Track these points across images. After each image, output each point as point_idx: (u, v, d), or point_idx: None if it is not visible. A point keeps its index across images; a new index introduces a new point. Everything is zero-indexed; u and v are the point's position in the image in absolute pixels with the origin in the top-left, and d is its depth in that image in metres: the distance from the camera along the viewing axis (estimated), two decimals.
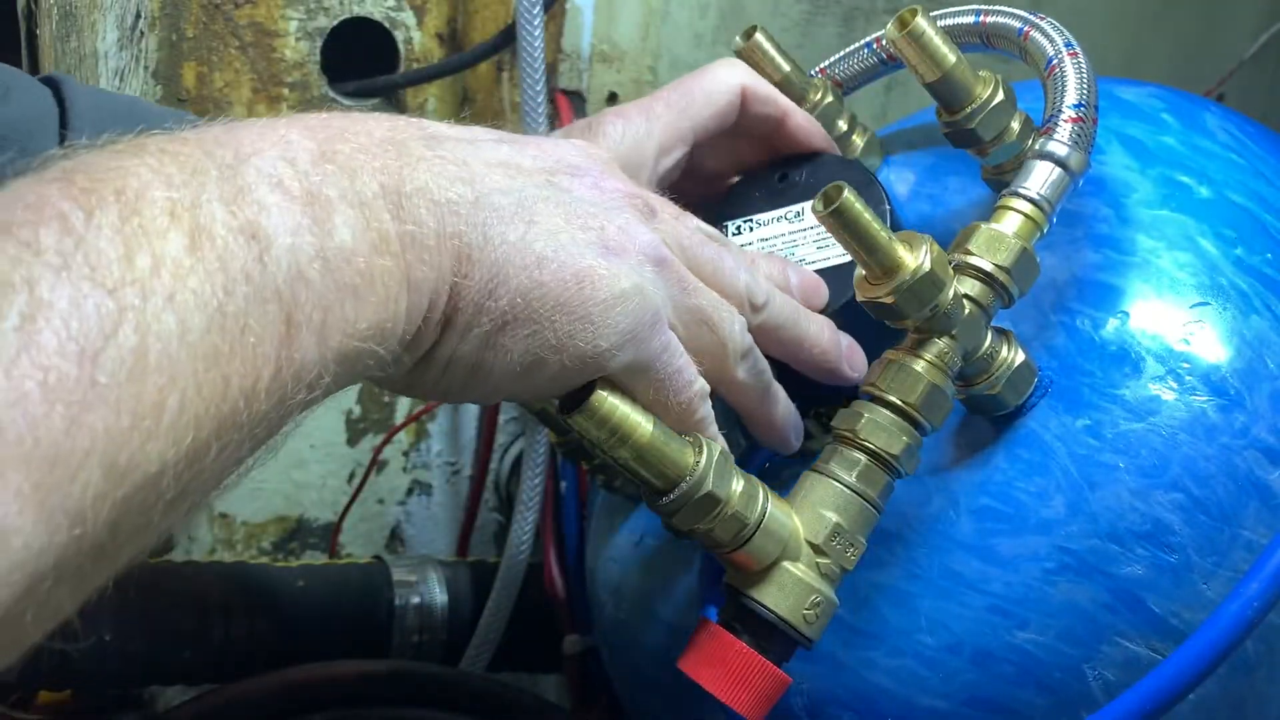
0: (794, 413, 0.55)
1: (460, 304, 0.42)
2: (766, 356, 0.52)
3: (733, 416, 0.58)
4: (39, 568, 0.30)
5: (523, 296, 0.43)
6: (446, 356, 0.44)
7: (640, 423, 0.45)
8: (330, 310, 0.37)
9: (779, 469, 0.56)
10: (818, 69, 0.67)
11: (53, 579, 0.31)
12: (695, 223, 0.52)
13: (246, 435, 0.36)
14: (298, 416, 0.38)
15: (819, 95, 0.64)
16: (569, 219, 0.45)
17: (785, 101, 0.62)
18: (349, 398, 0.91)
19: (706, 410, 0.49)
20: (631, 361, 0.46)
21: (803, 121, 0.62)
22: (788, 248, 0.59)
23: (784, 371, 0.54)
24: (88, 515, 0.31)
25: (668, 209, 0.50)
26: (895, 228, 0.50)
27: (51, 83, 0.56)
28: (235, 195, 0.36)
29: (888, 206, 0.58)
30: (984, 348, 0.49)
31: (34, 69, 0.73)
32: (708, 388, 0.49)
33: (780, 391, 0.53)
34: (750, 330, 0.51)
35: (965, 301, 0.48)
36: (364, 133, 0.42)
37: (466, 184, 0.43)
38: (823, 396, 0.56)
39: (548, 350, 0.44)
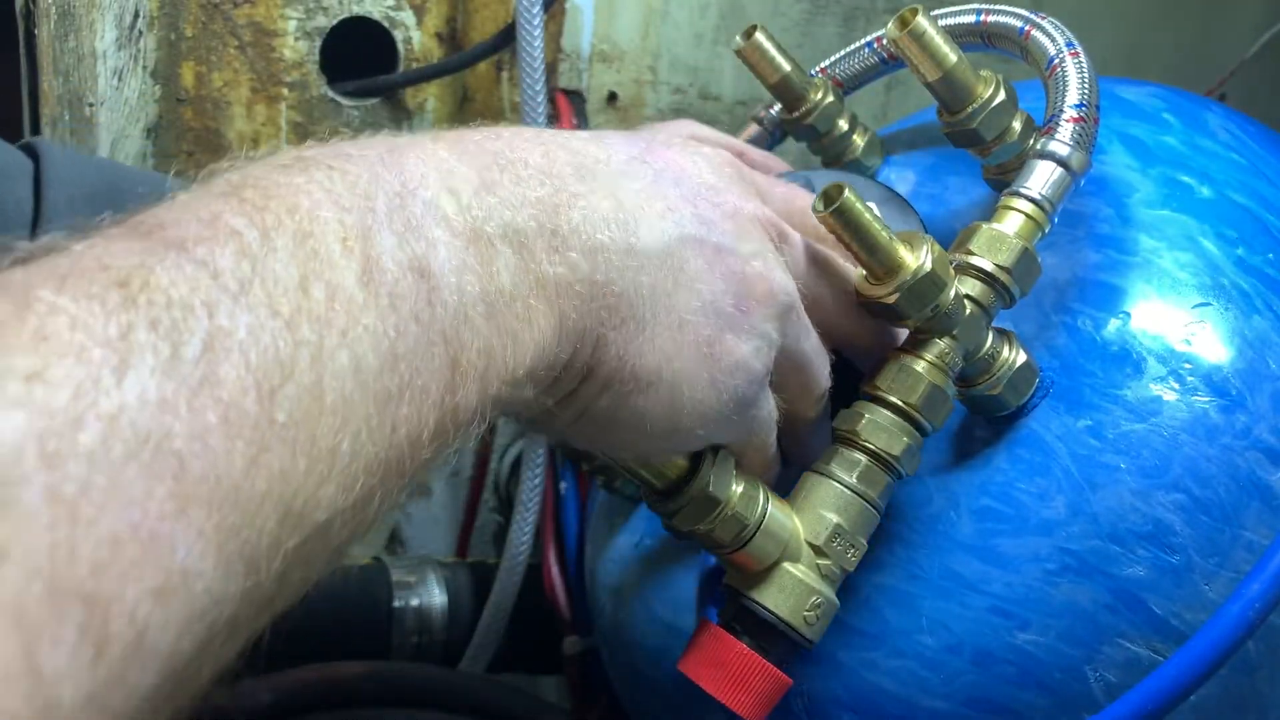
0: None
1: (604, 357, 0.41)
2: None
3: None
4: (216, 619, 0.28)
5: (666, 357, 0.42)
6: (582, 408, 0.42)
7: None
8: (493, 356, 0.36)
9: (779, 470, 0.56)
10: (818, 69, 0.67)
11: (226, 634, 0.29)
12: (813, 226, 0.50)
13: (405, 484, 0.34)
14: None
15: (819, 95, 0.63)
16: (711, 264, 0.43)
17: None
18: None
19: (774, 445, 0.49)
20: (739, 422, 0.46)
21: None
22: None
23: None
24: (262, 565, 0.29)
25: (796, 235, 0.48)
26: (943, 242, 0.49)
27: (28, 148, 0.56)
28: (404, 227, 0.35)
29: (918, 219, 0.58)
30: (985, 348, 0.49)
31: (33, 69, 0.73)
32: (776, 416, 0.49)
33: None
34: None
35: (966, 302, 0.48)
36: (520, 161, 0.40)
37: (620, 226, 0.41)
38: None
39: (683, 415, 0.43)
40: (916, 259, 0.46)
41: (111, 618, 0.25)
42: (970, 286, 0.49)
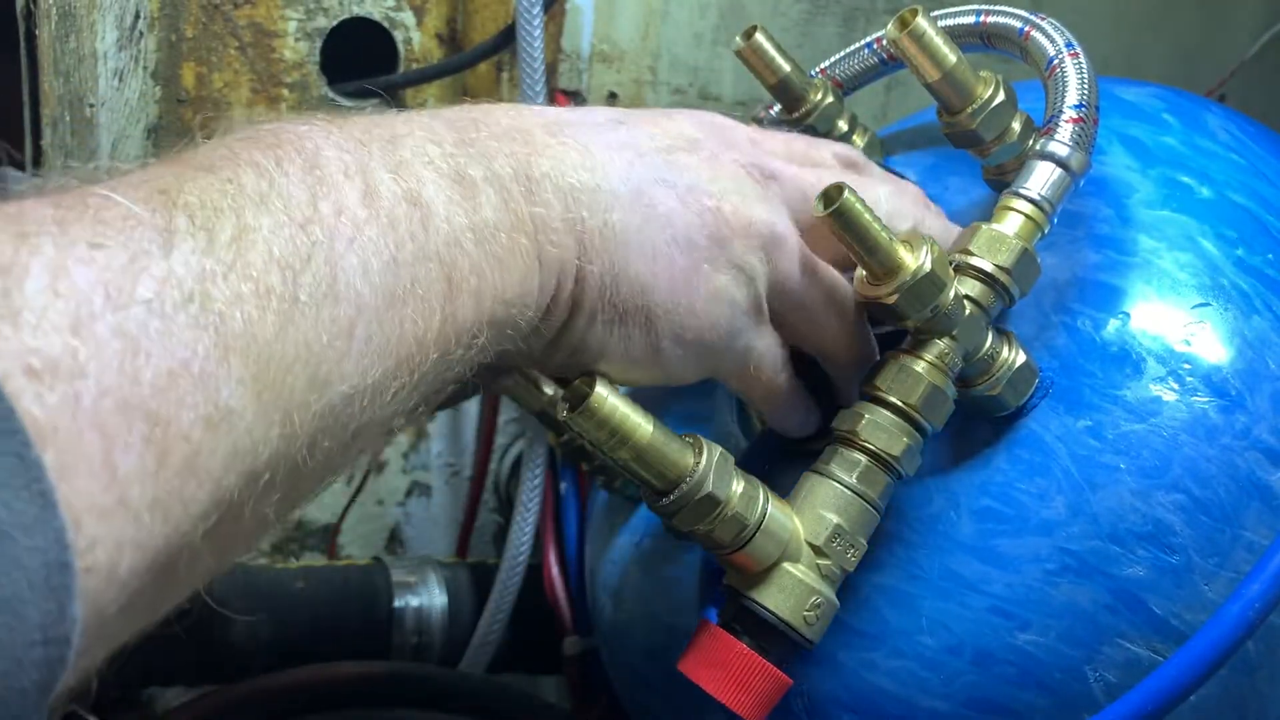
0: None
1: (586, 289, 0.45)
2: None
3: (735, 408, 0.57)
4: (256, 462, 0.33)
5: (641, 287, 0.45)
6: (575, 340, 0.46)
7: (640, 423, 0.45)
8: (483, 277, 0.41)
9: (779, 470, 0.56)
10: (818, 69, 0.67)
11: (266, 478, 0.34)
12: (827, 160, 0.53)
13: (416, 384, 0.39)
14: (449, 384, 0.41)
15: (819, 95, 0.63)
16: (684, 201, 0.47)
17: None
18: None
19: (787, 384, 0.51)
20: (731, 352, 0.48)
21: None
22: None
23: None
24: (294, 419, 0.34)
25: (789, 168, 0.51)
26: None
27: None
28: (396, 166, 0.40)
29: None
30: (985, 348, 0.49)
31: (33, 69, 0.73)
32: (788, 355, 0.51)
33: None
34: None
35: (966, 302, 0.48)
36: (493, 123, 0.45)
37: (588, 171, 0.45)
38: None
39: (664, 341, 0.47)
40: (916, 259, 0.46)
41: (170, 435, 0.30)
42: (970, 287, 0.49)
